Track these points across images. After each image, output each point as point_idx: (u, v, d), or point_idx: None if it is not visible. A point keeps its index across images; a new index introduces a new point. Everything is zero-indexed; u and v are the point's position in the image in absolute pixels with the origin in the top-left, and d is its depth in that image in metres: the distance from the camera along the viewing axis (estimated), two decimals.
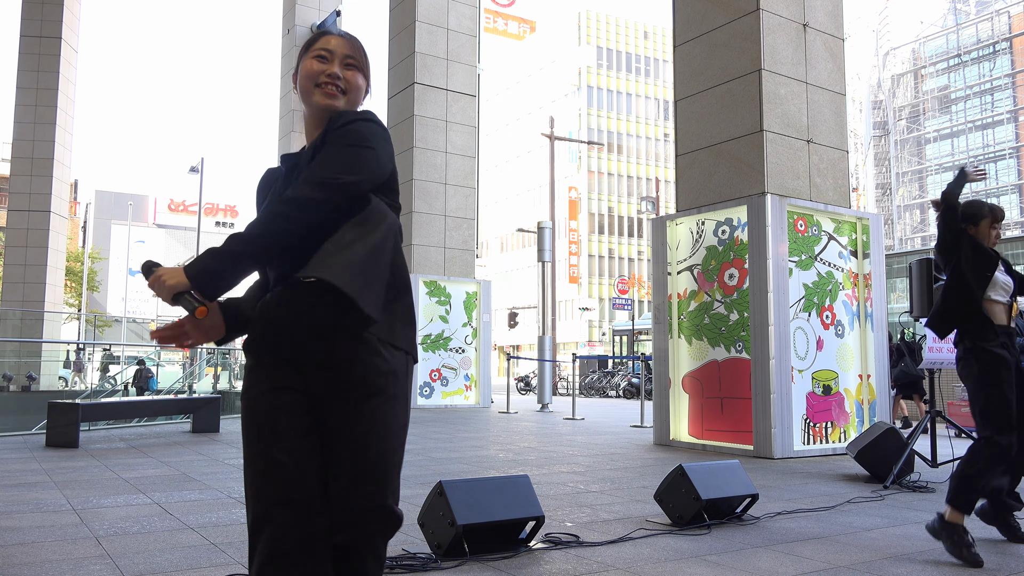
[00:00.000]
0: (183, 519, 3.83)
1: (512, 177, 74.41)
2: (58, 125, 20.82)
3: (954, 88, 47.70)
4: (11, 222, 20.60)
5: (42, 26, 20.81)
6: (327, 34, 1.78)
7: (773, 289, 6.85)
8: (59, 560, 3.03)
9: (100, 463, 5.93)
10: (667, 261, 7.95)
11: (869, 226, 7.65)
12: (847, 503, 4.56)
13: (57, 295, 21.35)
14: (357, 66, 1.76)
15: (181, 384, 15.73)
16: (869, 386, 7.46)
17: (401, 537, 3.44)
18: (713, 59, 7.74)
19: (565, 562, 3.12)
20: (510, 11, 45.62)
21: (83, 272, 37.63)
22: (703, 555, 3.26)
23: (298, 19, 19.97)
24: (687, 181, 7.94)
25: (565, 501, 4.50)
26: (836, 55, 7.91)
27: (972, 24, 47.49)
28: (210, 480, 5.12)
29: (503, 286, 68.56)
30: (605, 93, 70.15)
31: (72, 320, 32.77)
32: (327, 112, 1.71)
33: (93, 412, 8.07)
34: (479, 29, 15.13)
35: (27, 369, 19.37)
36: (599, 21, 71.04)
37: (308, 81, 1.72)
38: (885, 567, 3.11)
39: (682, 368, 7.72)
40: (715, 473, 3.92)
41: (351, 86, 1.74)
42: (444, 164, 14.12)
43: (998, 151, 44.97)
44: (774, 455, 6.66)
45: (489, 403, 14.16)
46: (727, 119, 7.54)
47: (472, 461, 6.21)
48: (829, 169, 7.69)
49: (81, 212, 51.98)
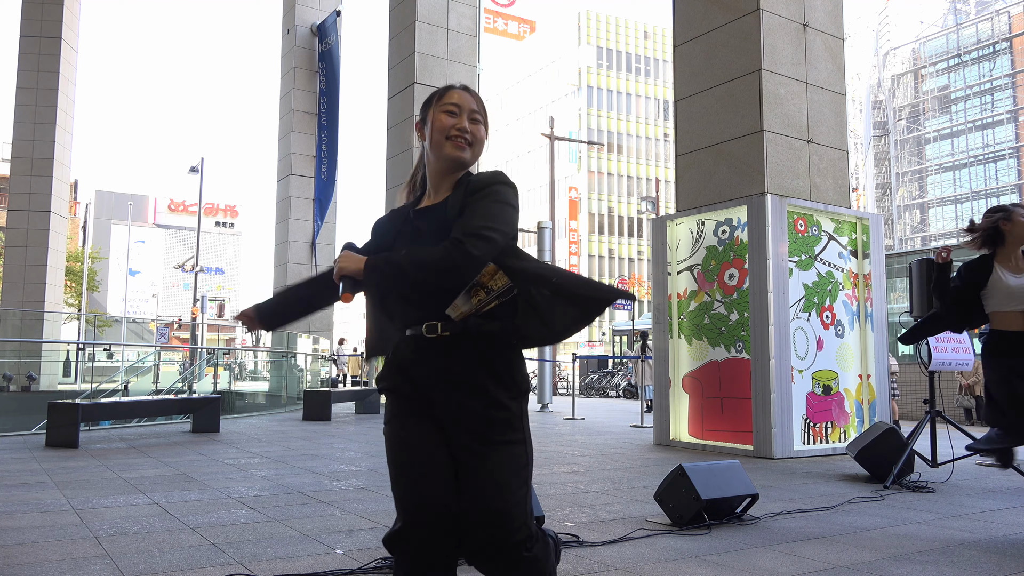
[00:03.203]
0: (183, 519, 3.83)
1: (512, 177, 74.29)
2: (58, 125, 20.81)
3: (954, 88, 47.71)
4: (11, 222, 20.58)
5: (42, 26, 20.80)
6: (453, 88, 1.94)
7: (773, 289, 6.85)
8: (59, 560, 3.03)
9: (100, 463, 5.93)
10: (667, 261, 7.95)
11: (869, 226, 7.66)
12: (847, 503, 4.56)
13: (57, 295, 21.34)
14: (481, 120, 1.93)
15: (181, 384, 15.72)
16: (869, 386, 7.46)
17: None
18: (713, 59, 7.74)
19: (565, 562, 3.12)
20: (510, 11, 45.66)
21: (83, 272, 37.62)
22: (703, 555, 3.26)
23: (298, 19, 19.96)
24: (687, 181, 7.94)
25: (565, 501, 4.50)
26: (836, 55, 7.91)
27: (972, 24, 47.50)
28: (210, 480, 5.12)
29: None
30: (605, 93, 70.17)
31: (72, 320, 32.74)
32: (456, 163, 1.88)
33: (93, 412, 8.07)
34: (479, 29, 15.12)
35: (27, 369, 19.34)
36: (599, 21, 71.06)
37: (440, 134, 1.88)
38: (885, 567, 3.11)
39: (682, 368, 7.72)
40: (715, 473, 3.92)
41: (476, 139, 1.91)
42: None
43: (998, 151, 44.97)
44: (774, 455, 6.66)
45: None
46: (727, 119, 7.54)
47: None
48: (829, 169, 7.69)
49: (81, 212, 51.94)
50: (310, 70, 19.95)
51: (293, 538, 3.45)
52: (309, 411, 10.66)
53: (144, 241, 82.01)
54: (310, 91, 19.90)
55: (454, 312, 1.75)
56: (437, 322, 1.77)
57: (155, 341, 35.27)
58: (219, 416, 8.82)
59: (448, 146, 1.87)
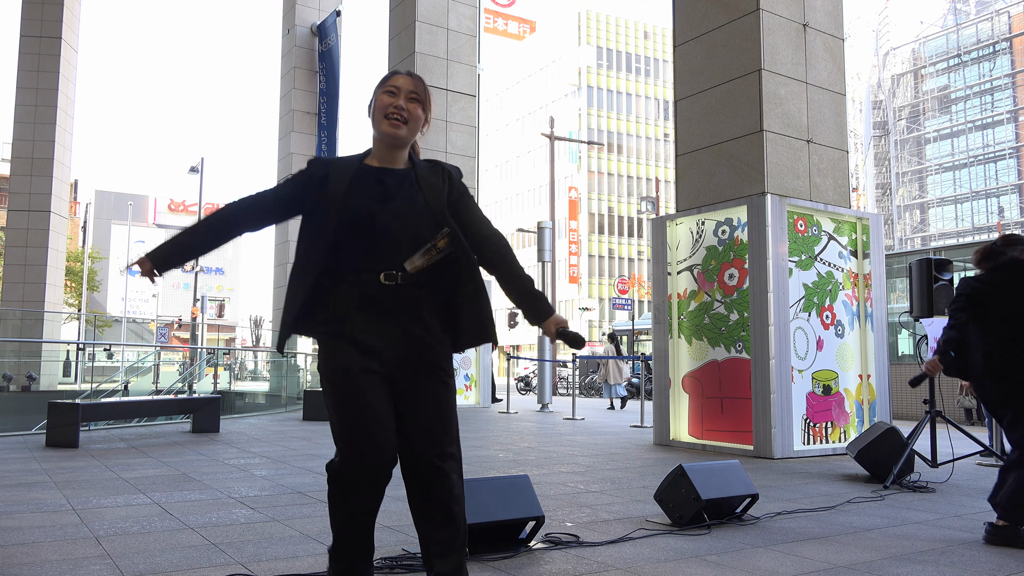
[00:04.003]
0: (183, 519, 3.83)
1: (512, 177, 74.41)
2: (58, 125, 20.80)
3: (954, 88, 47.69)
4: (11, 222, 20.58)
5: (42, 26, 20.79)
6: (397, 73, 2.20)
7: (773, 289, 6.85)
8: (59, 560, 3.03)
9: (100, 463, 5.93)
10: (667, 261, 7.95)
11: (869, 226, 7.65)
12: (847, 503, 4.56)
13: (57, 295, 21.33)
14: (419, 100, 2.18)
15: (181, 384, 15.72)
16: (869, 386, 7.46)
17: (401, 537, 3.44)
18: (713, 59, 7.74)
19: (565, 562, 3.12)
20: (510, 11, 45.59)
21: (83, 272, 37.61)
22: (703, 555, 3.26)
23: (298, 19, 19.94)
24: (687, 181, 7.94)
25: (565, 501, 4.50)
26: (836, 55, 7.91)
27: (972, 24, 47.49)
28: (210, 480, 5.12)
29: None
30: (605, 93, 70.15)
31: (72, 320, 32.73)
32: (392, 138, 2.15)
33: (93, 412, 8.07)
34: (479, 29, 15.11)
35: (27, 369, 19.33)
36: (599, 21, 71.05)
37: (379, 112, 2.15)
38: (885, 567, 3.11)
39: (682, 368, 7.72)
40: (715, 473, 3.92)
41: (412, 117, 2.16)
42: None
43: (998, 151, 44.96)
44: (774, 455, 6.66)
45: (489, 403, 14.16)
46: (727, 119, 7.54)
47: (472, 461, 6.20)
48: (829, 169, 7.69)
49: (81, 212, 51.95)
50: (310, 70, 19.94)
51: (293, 538, 3.45)
52: (309, 411, 10.66)
53: (144, 241, 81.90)
54: (310, 91, 19.88)
55: (410, 265, 2.05)
56: (396, 271, 2.06)
57: (155, 341, 35.29)
58: (219, 416, 8.81)
59: (385, 124, 2.13)
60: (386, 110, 2.13)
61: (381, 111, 2.14)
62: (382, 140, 2.18)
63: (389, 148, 2.18)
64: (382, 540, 3.34)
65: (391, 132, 2.14)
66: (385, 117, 2.13)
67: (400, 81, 2.17)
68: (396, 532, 3.55)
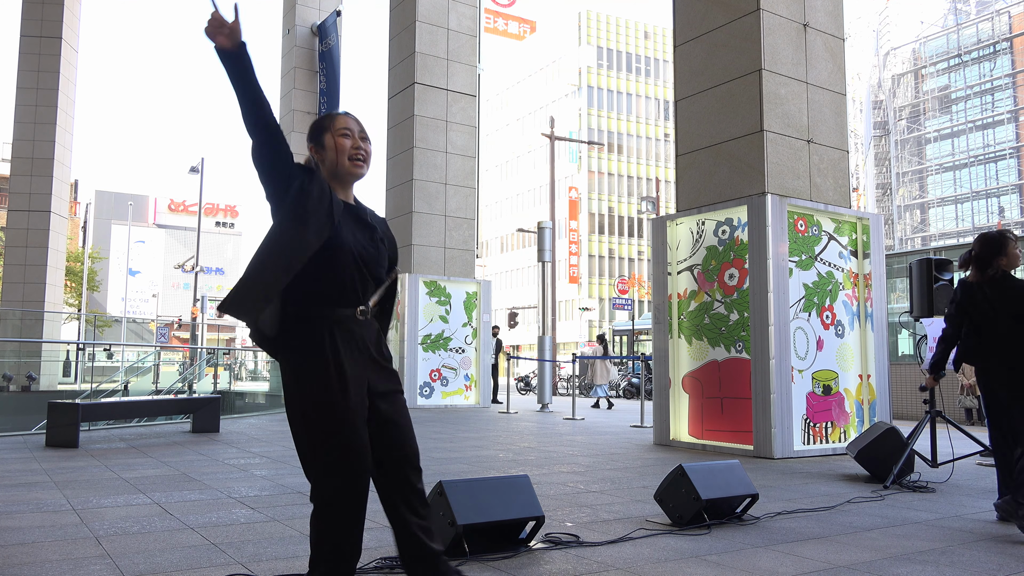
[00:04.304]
0: (183, 519, 3.83)
1: (512, 177, 74.40)
2: (58, 125, 20.80)
3: (954, 88, 47.67)
4: (11, 222, 20.58)
5: (42, 26, 20.79)
6: (339, 115, 2.34)
7: (773, 289, 6.85)
8: (59, 560, 3.03)
9: (100, 463, 5.93)
10: (667, 261, 7.95)
11: (869, 226, 7.65)
12: (847, 503, 4.56)
13: (57, 295, 21.33)
14: (368, 138, 2.36)
15: (181, 384, 15.73)
16: (869, 386, 7.46)
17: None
18: (713, 59, 7.74)
19: (565, 562, 3.12)
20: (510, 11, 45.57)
21: (83, 272, 37.62)
22: (703, 555, 3.26)
23: (298, 19, 19.95)
24: (687, 181, 7.94)
25: (565, 501, 4.50)
26: (836, 55, 7.91)
27: (972, 24, 47.47)
28: (210, 480, 5.12)
29: (503, 286, 68.56)
30: (605, 93, 70.14)
31: (72, 320, 32.74)
32: (356, 178, 2.34)
33: (93, 412, 8.07)
34: (479, 29, 15.13)
35: (27, 369, 19.34)
36: (599, 21, 71.04)
37: (343, 155, 2.29)
38: (885, 567, 3.11)
39: (682, 368, 7.72)
40: (715, 473, 3.92)
41: (367, 155, 2.35)
42: (444, 164, 14.12)
43: (998, 151, 44.94)
44: (774, 455, 6.66)
45: (489, 403, 14.16)
46: (727, 119, 7.54)
47: (472, 461, 6.20)
48: (829, 169, 7.69)
49: (81, 212, 51.93)
50: (310, 70, 19.94)
51: (293, 538, 3.45)
52: None
53: (144, 241, 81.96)
54: (310, 91, 19.89)
55: (371, 302, 2.30)
56: (366, 307, 2.28)
57: (155, 341, 35.28)
58: (219, 416, 8.81)
59: (350, 165, 2.30)
60: (349, 152, 2.29)
61: (344, 154, 2.29)
62: (346, 178, 2.32)
63: (348, 186, 2.34)
64: (382, 540, 3.34)
65: (358, 172, 2.31)
66: (350, 159, 2.29)
67: (350, 123, 2.32)
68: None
